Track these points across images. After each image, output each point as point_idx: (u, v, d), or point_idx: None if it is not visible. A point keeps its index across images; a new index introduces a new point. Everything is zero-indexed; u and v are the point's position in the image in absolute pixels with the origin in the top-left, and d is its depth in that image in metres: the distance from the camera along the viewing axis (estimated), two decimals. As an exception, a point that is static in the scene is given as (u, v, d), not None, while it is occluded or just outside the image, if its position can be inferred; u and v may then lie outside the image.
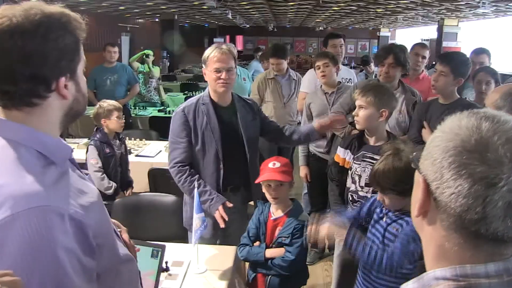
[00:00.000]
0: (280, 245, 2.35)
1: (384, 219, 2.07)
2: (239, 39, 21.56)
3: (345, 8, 13.17)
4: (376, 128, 2.53)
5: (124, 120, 3.52)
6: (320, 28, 23.20)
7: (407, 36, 16.88)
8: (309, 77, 4.25)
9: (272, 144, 4.41)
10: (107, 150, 3.39)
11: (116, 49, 5.79)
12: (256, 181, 2.44)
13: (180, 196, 2.86)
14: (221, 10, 13.63)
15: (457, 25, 14.23)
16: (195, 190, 2.23)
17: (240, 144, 2.65)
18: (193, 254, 2.25)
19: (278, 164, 2.36)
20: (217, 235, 2.68)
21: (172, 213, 2.94)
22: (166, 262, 2.18)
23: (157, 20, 18.36)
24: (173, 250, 2.33)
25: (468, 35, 13.78)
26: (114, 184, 3.36)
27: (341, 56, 4.28)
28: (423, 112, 2.98)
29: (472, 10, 11.56)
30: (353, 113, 2.54)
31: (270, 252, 2.35)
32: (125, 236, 1.37)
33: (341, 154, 2.68)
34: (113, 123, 3.42)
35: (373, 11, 13.87)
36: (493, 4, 9.73)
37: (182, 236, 2.85)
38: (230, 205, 2.43)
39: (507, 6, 10.65)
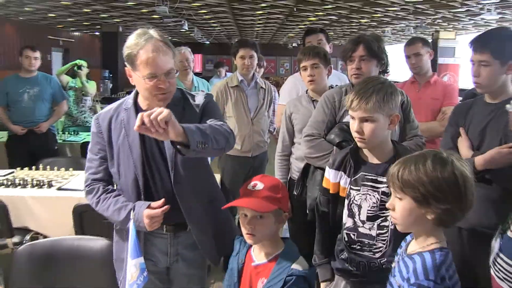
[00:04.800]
0: None
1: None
2: (197, 58, 21.35)
3: (323, 18, 13.16)
4: (384, 141, 2.13)
5: None
6: (294, 45, 23.41)
7: (397, 53, 17.14)
8: (289, 86, 3.89)
9: (242, 166, 4.10)
10: None
11: (38, 54, 5.18)
12: (224, 207, 2.03)
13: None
14: (175, 20, 13.43)
15: (455, 38, 14.47)
16: (131, 222, 1.77)
17: (166, 166, 2.18)
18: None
19: (260, 186, 1.91)
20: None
21: (102, 262, 2.50)
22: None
23: (97, 33, 18.04)
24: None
25: (467, 50, 13.94)
26: None
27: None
28: (462, 114, 2.57)
29: (472, 19, 11.67)
30: (354, 130, 2.10)
31: None
32: None
33: (332, 178, 2.26)
34: None
35: (356, 22, 13.92)
36: (499, 11, 9.63)
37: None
38: (158, 203, 2.05)
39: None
